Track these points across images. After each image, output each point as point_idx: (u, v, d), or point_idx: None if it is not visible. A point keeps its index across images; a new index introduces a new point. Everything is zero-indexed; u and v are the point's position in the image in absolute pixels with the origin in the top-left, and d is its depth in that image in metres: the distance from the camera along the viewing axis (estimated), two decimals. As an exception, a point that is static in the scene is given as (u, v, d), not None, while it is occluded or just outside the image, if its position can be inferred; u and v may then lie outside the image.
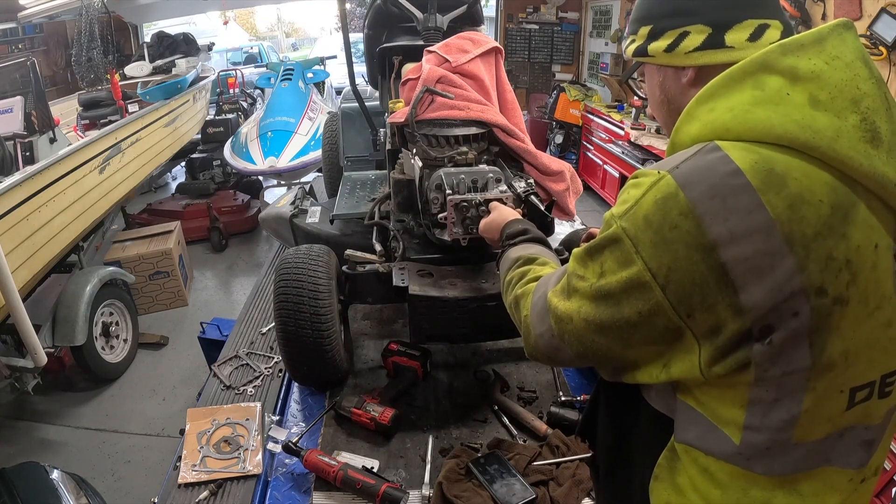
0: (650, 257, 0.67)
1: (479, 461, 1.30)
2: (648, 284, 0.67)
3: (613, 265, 0.71)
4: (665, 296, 0.67)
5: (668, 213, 0.66)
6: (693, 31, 0.79)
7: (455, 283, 1.42)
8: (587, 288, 0.75)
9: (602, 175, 5.50)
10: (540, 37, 6.91)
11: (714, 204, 0.64)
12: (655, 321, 0.69)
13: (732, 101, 0.69)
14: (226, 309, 4.31)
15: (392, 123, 1.68)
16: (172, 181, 7.18)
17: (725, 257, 0.63)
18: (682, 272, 0.65)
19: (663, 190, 0.67)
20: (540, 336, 0.87)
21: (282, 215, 2.49)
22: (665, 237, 0.66)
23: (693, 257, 0.64)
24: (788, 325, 0.64)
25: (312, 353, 1.48)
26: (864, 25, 2.90)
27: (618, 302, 0.71)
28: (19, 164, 3.12)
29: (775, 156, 0.65)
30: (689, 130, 0.73)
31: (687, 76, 0.81)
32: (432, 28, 1.98)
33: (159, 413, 3.30)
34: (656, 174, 0.69)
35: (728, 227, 0.63)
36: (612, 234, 0.71)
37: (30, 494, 1.98)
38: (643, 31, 0.85)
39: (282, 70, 6.16)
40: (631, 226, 0.69)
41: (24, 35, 5.56)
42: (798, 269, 0.63)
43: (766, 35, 0.77)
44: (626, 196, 0.72)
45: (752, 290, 0.63)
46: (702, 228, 0.64)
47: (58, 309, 3.20)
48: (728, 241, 0.63)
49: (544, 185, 1.69)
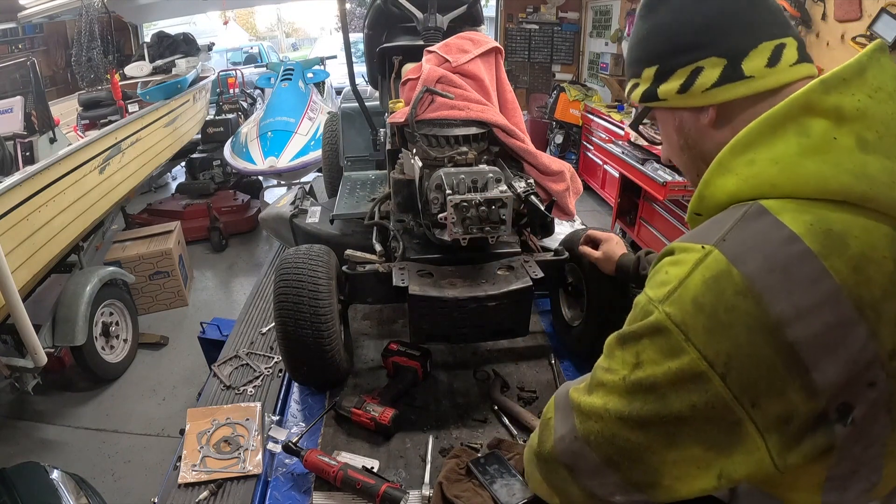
0: (705, 345, 0.59)
1: (479, 461, 1.30)
2: (705, 374, 0.59)
3: (656, 355, 0.63)
4: (725, 385, 0.58)
5: (722, 293, 0.58)
6: (707, 66, 0.70)
7: (455, 283, 1.42)
8: (617, 381, 0.67)
9: (602, 175, 5.50)
10: (540, 37, 6.91)
11: (774, 278, 0.57)
12: (711, 415, 0.60)
13: (776, 152, 0.62)
14: (226, 309, 4.31)
15: (392, 123, 1.68)
16: (172, 181, 7.19)
17: (793, 336, 0.56)
18: (744, 358, 0.58)
19: (713, 267, 0.60)
20: (560, 439, 0.77)
21: (282, 215, 2.49)
22: (721, 321, 0.58)
23: (756, 340, 0.57)
24: (867, 398, 0.58)
25: (312, 353, 1.48)
26: (864, 25, 2.91)
27: (663, 396, 0.62)
28: (19, 164, 3.12)
29: (830, 214, 0.59)
30: (725, 185, 0.66)
31: (707, 116, 0.73)
32: (432, 28, 1.98)
33: (159, 413, 3.31)
34: (700, 249, 0.62)
35: (793, 301, 0.57)
36: (655, 323, 0.62)
37: (30, 494, 1.98)
38: (648, 72, 0.76)
39: (282, 70, 6.16)
40: (677, 311, 0.61)
41: (24, 35, 5.56)
42: (871, 335, 0.57)
43: (785, 56, 0.69)
44: (664, 276, 0.64)
45: (825, 367, 0.56)
46: (763, 307, 0.57)
47: (58, 309, 3.20)
48: (794, 317, 0.56)
49: (544, 185, 1.69)
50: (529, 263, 1.49)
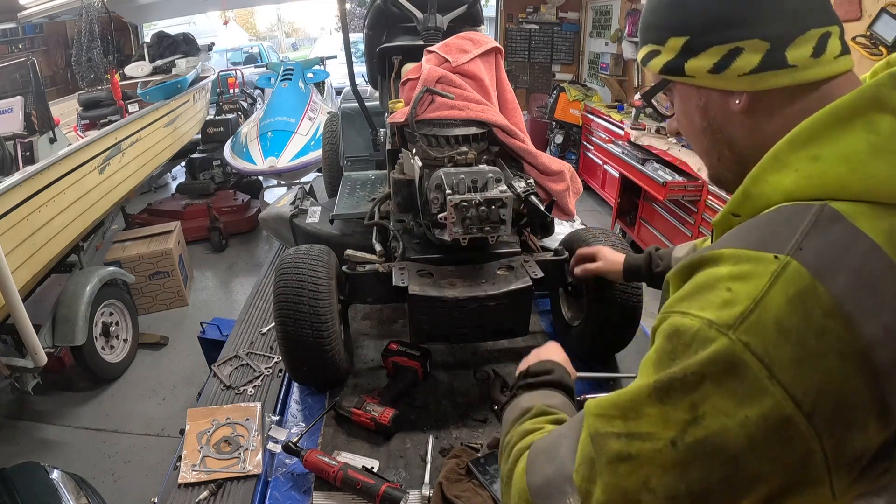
0: (793, 381, 0.48)
1: (479, 461, 1.30)
2: (790, 419, 0.48)
3: (724, 402, 0.50)
4: (811, 425, 0.48)
5: (810, 314, 0.49)
6: (747, 48, 0.62)
7: (455, 283, 1.42)
8: (661, 449, 0.52)
9: (602, 175, 5.50)
10: (540, 37, 6.91)
11: (863, 295, 0.50)
12: (794, 462, 0.50)
13: (844, 148, 0.55)
14: (226, 309, 4.31)
15: (392, 123, 1.68)
16: (172, 181, 7.19)
17: (879, 360, 0.48)
18: (833, 392, 0.48)
19: (795, 283, 0.50)
20: None
21: (282, 215, 2.49)
22: (811, 350, 0.48)
23: (847, 370, 0.48)
24: None
25: (312, 353, 1.48)
26: (864, 25, 2.91)
27: (739, 455, 0.49)
28: (19, 164, 3.12)
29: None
30: (781, 183, 0.58)
31: (740, 102, 0.65)
32: (432, 28, 1.98)
33: (159, 413, 3.31)
34: (772, 259, 0.52)
35: (882, 321, 0.49)
36: (725, 357, 0.50)
37: (30, 494, 1.98)
38: (674, 42, 0.67)
39: (282, 70, 6.16)
40: (757, 340, 0.49)
41: (24, 35, 5.56)
42: None
43: (830, 47, 0.62)
44: (727, 294, 0.52)
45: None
46: (853, 330, 0.49)
47: (58, 309, 3.20)
48: (883, 339, 0.49)
49: (544, 185, 1.69)
50: (529, 263, 1.49)
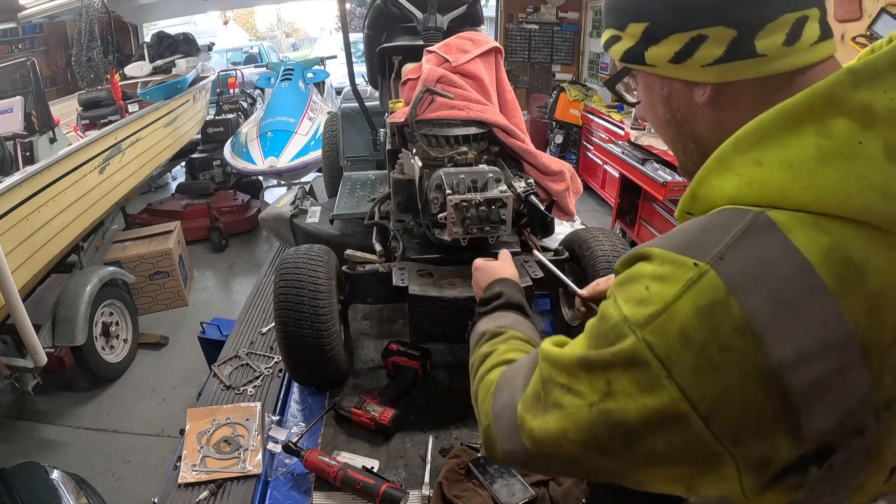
0: (690, 385, 0.50)
1: (479, 461, 1.30)
2: (685, 417, 0.51)
3: (630, 387, 0.54)
4: (707, 428, 0.51)
5: (717, 328, 0.49)
6: (712, 36, 0.57)
7: (455, 283, 1.42)
8: (582, 407, 0.57)
9: (602, 175, 5.50)
10: (540, 37, 6.91)
11: (779, 317, 0.49)
12: (688, 451, 0.53)
13: (790, 154, 0.52)
14: (226, 309, 4.31)
15: (392, 123, 1.68)
16: (172, 181, 7.18)
17: (790, 382, 0.49)
18: (732, 402, 0.50)
19: (708, 294, 0.50)
20: (510, 453, 0.69)
21: (282, 215, 2.49)
22: (712, 361, 0.50)
23: (748, 386, 0.49)
24: (851, 445, 0.51)
25: (312, 353, 1.48)
26: (864, 25, 2.91)
27: (636, 431, 0.54)
28: (19, 164, 3.12)
29: (850, 238, 0.50)
30: (723, 187, 0.55)
31: (704, 94, 0.60)
32: (432, 28, 1.99)
33: (159, 413, 3.30)
34: (691, 266, 0.51)
35: (796, 346, 0.48)
36: (631, 353, 0.53)
37: (30, 494, 1.98)
38: (634, 28, 0.62)
39: (282, 70, 6.16)
40: (660, 342, 0.51)
41: (24, 35, 5.55)
42: (872, 384, 0.50)
43: (806, 33, 0.56)
44: (644, 293, 0.53)
45: (817, 415, 0.50)
46: (762, 350, 0.49)
47: (58, 309, 3.20)
48: (794, 364, 0.49)
49: (544, 185, 1.69)
50: (529, 263, 1.49)
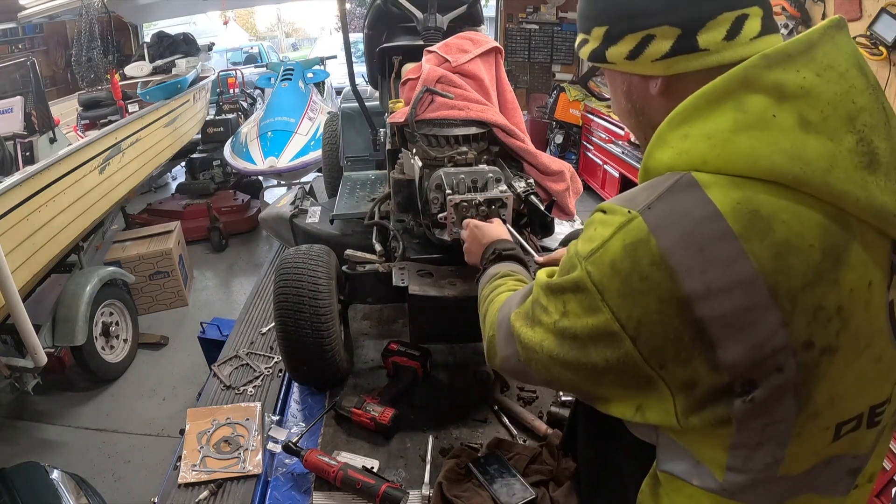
0: (618, 308, 0.61)
1: (479, 461, 1.30)
2: (617, 335, 0.62)
3: (577, 309, 0.66)
4: (635, 347, 0.61)
5: (638, 261, 0.59)
6: (658, 35, 0.66)
7: (455, 283, 1.42)
8: (550, 324, 0.71)
9: (602, 175, 5.50)
10: (540, 37, 6.90)
11: (689, 255, 0.58)
12: (625, 369, 0.64)
13: (710, 127, 0.61)
14: (226, 309, 4.31)
15: (392, 123, 1.68)
16: (172, 181, 7.18)
17: (701, 313, 0.57)
18: (653, 325, 0.60)
19: (633, 234, 0.60)
20: (506, 359, 0.84)
21: (282, 215, 2.49)
22: (634, 288, 0.60)
23: (665, 311, 0.59)
24: (772, 382, 0.59)
25: (312, 353, 1.48)
26: (864, 25, 2.90)
27: (583, 346, 0.67)
28: (19, 164, 3.12)
29: (760, 195, 0.58)
30: (662, 158, 0.65)
31: (656, 86, 0.70)
32: (432, 28, 1.98)
33: (159, 413, 3.31)
34: (626, 213, 0.62)
35: (705, 280, 0.57)
36: (577, 280, 0.65)
37: (30, 494, 1.98)
38: (597, 31, 0.73)
39: (282, 70, 6.15)
40: (596, 271, 0.63)
41: (24, 35, 5.56)
42: (783, 324, 0.57)
43: (746, 28, 0.65)
44: (593, 233, 0.65)
45: (730, 347, 0.58)
46: (675, 282, 0.58)
47: (58, 309, 3.20)
48: (704, 296, 0.57)
49: (544, 185, 1.69)
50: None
